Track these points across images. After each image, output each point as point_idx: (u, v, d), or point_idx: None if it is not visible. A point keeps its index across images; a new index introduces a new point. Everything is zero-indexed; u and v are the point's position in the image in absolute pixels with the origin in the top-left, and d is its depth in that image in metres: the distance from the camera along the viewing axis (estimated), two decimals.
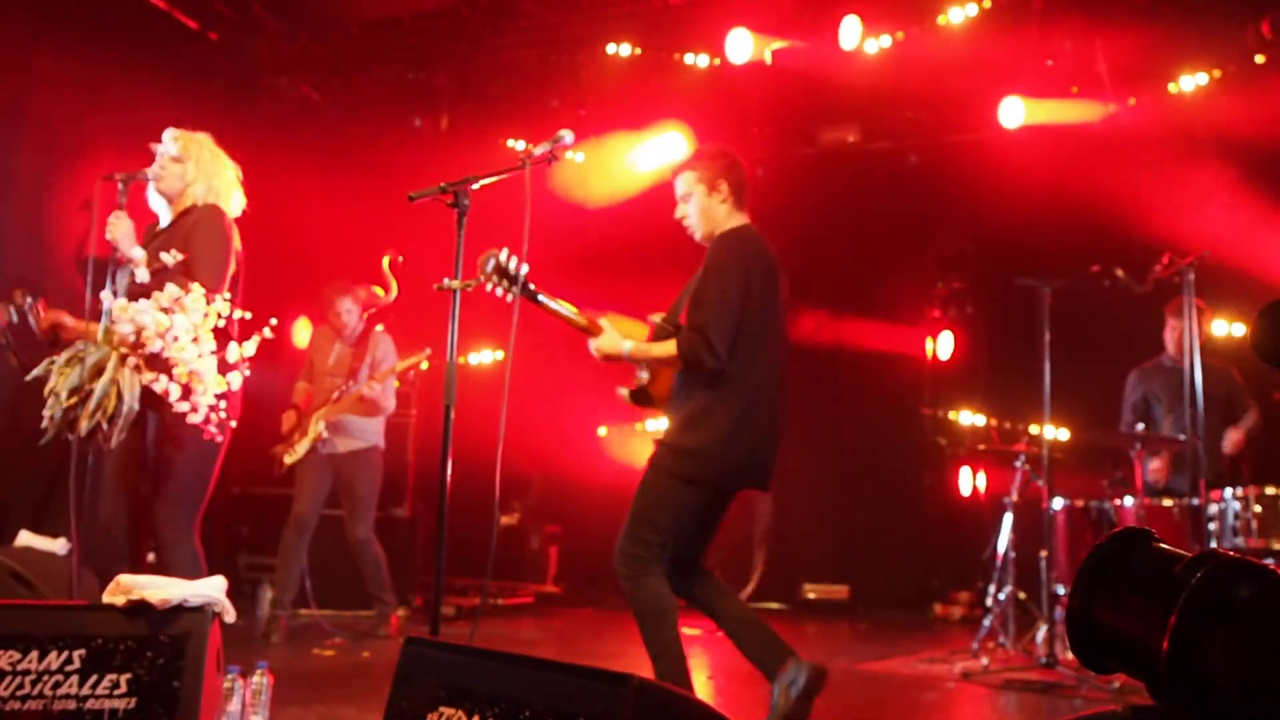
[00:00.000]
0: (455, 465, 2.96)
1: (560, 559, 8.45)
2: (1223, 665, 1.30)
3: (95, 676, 2.55)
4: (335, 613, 6.08)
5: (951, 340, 8.16)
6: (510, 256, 3.26)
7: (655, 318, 3.53)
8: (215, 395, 3.38)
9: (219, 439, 3.49)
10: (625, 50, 7.35)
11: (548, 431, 7.97)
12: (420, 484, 7.15)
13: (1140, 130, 6.77)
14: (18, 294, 4.00)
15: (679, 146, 7.54)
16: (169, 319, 3.28)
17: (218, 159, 3.82)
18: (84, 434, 3.23)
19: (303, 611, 5.85)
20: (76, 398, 3.22)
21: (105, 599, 2.65)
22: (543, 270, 3.35)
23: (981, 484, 7.74)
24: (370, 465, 5.86)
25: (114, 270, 3.65)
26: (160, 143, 3.77)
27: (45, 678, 2.53)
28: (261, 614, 5.98)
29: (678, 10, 7.16)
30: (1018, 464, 5.80)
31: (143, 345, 3.27)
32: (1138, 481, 5.13)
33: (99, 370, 3.24)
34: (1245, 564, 1.36)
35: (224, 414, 3.43)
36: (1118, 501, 5.17)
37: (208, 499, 3.63)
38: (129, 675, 2.57)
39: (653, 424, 3.36)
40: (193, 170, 3.74)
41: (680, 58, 7.29)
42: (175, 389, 3.29)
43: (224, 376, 3.41)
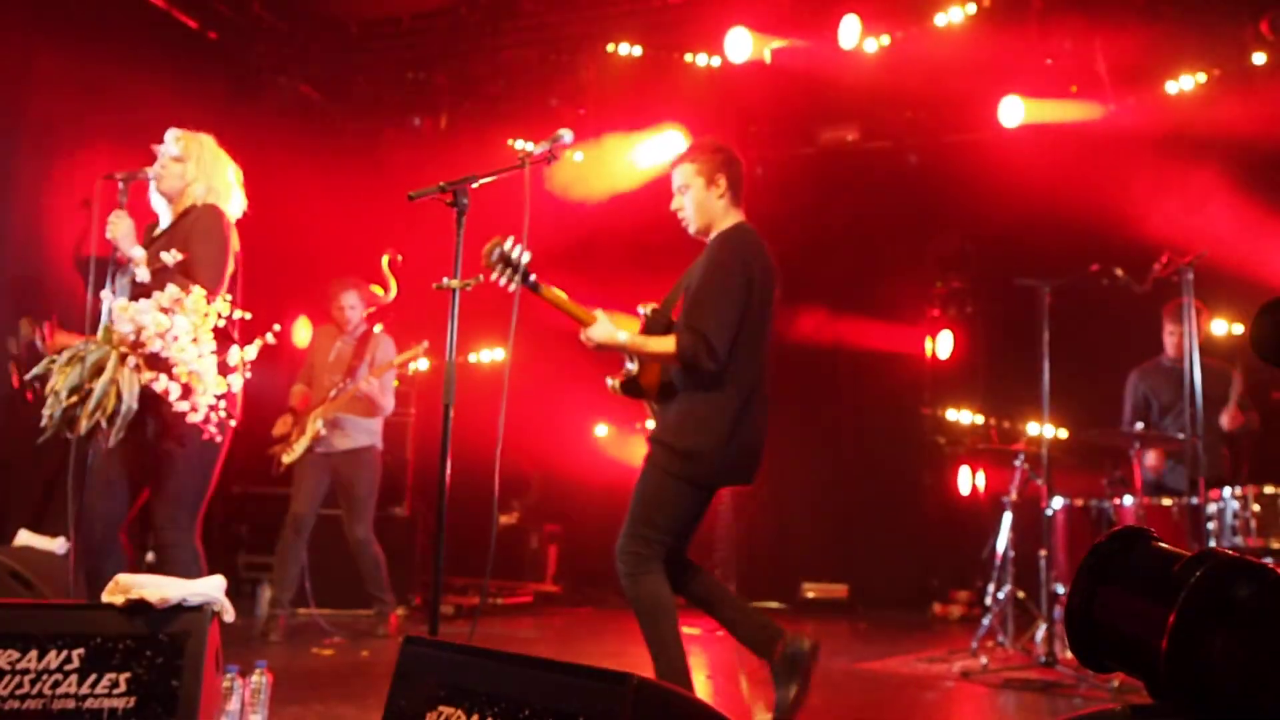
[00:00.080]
0: (454, 464, 2.96)
1: (559, 558, 8.46)
2: (1222, 664, 1.31)
3: (94, 676, 2.55)
4: (334, 612, 6.08)
5: (951, 340, 8.16)
6: (515, 245, 3.27)
7: (644, 309, 3.53)
8: (215, 396, 3.38)
9: (218, 439, 3.49)
10: (625, 50, 7.35)
11: (547, 431, 7.98)
12: (419, 483, 7.15)
13: (1140, 130, 6.76)
14: (24, 324, 3.98)
15: (678, 146, 7.54)
16: (169, 319, 3.27)
17: (218, 159, 3.81)
18: (83, 433, 3.23)
19: (301, 611, 5.85)
20: (76, 397, 3.22)
21: (104, 598, 2.64)
22: (537, 265, 3.36)
23: (981, 483, 7.74)
24: (369, 465, 5.85)
25: (114, 270, 3.64)
26: (161, 143, 3.77)
27: (44, 677, 2.52)
28: (260, 613, 5.98)
29: (677, 10, 7.16)
30: (1017, 463, 5.80)
31: (142, 345, 3.26)
32: (1137, 481, 5.14)
33: (99, 369, 3.24)
34: (1244, 563, 1.36)
35: (224, 414, 3.43)
36: (1117, 501, 5.17)
37: (208, 499, 3.63)
38: (128, 674, 2.57)
39: (652, 424, 3.35)
40: (193, 170, 3.73)
41: (680, 57, 7.29)
42: (175, 388, 3.28)
43: (224, 378, 3.41)
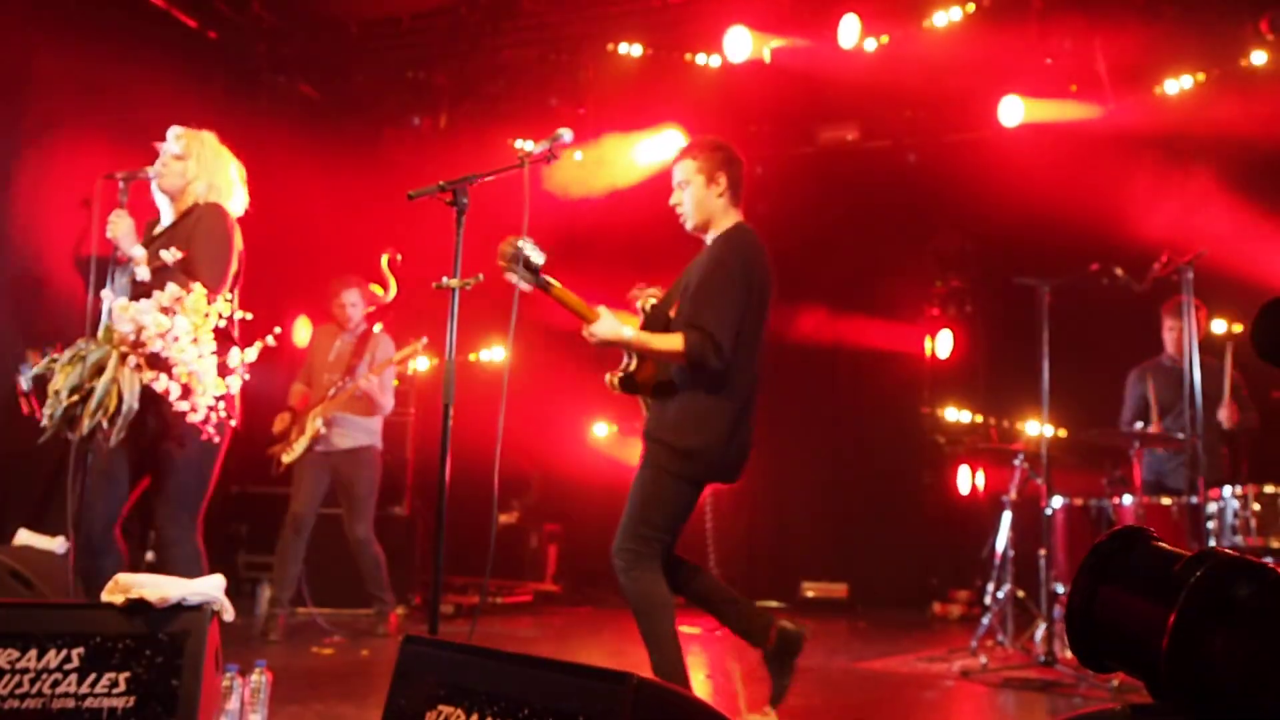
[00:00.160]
0: (454, 464, 2.96)
1: (559, 557, 8.45)
2: (1222, 664, 1.31)
3: (94, 675, 2.55)
4: (334, 611, 6.08)
5: (951, 339, 8.16)
6: (533, 245, 3.26)
7: (640, 301, 3.54)
8: (214, 397, 3.37)
9: (218, 439, 3.49)
10: (624, 49, 7.34)
11: (547, 431, 7.98)
12: (419, 482, 7.15)
13: (1139, 129, 6.76)
14: (31, 357, 3.99)
15: (678, 145, 7.53)
16: (169, 320, 3.27)
17: (220, 156, 3.81)
18: (84, 433, 3.23)
19: (301, 610, 5.85)
20: (77, 396, 3.22)
21: (104, 597, 2.64)
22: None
23: (980, 482, 7.74)
24: (369, 464, 5.85)
25: (114, 269, 3.64)
26: (162, 141, 3.77)
27: (44, 676, 2.52)
28: (260, 612, 5.98)
29: (677, 9, 7.16)
30: (1016, 462, 5.80)
31: (143, 345, 3.26)
32: (1136, 480, 5.13)
33: (99, 369, 3.24)
34: (1244, 562, 1.36)
35: (223, 414, 3.43)
36: (1116, 500, 5.17)
37: (208, 498, 3.63)
38: (128, 674, 2.56)
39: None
40: (194, 167, 3.72)
41: (679, 57, 7.29)
42: (175, 388, 3.28)
43: (224, 379, 3.41)
